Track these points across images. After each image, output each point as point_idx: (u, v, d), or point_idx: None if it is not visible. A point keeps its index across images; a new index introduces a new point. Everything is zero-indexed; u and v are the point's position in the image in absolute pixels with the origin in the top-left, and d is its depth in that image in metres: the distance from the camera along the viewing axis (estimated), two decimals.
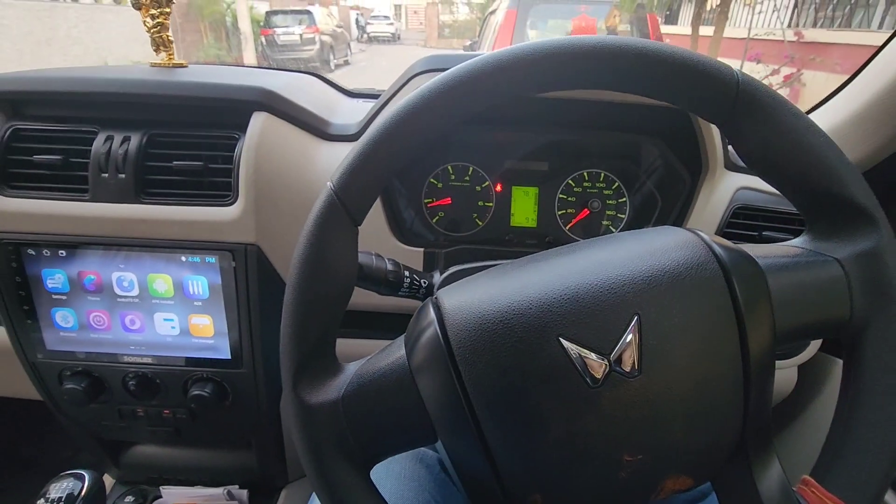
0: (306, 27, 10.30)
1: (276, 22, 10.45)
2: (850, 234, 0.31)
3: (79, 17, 7.62)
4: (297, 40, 10.29)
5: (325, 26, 10.84)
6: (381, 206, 0.63)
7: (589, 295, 0.28)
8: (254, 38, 9.95)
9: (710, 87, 0.31)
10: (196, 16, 9.43)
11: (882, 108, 0.53)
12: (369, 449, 0.32)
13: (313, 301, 0.32)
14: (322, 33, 10.54)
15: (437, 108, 0.31)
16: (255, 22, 10.51)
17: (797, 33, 4.38)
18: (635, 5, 3.99)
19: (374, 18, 20.58)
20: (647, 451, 0.29)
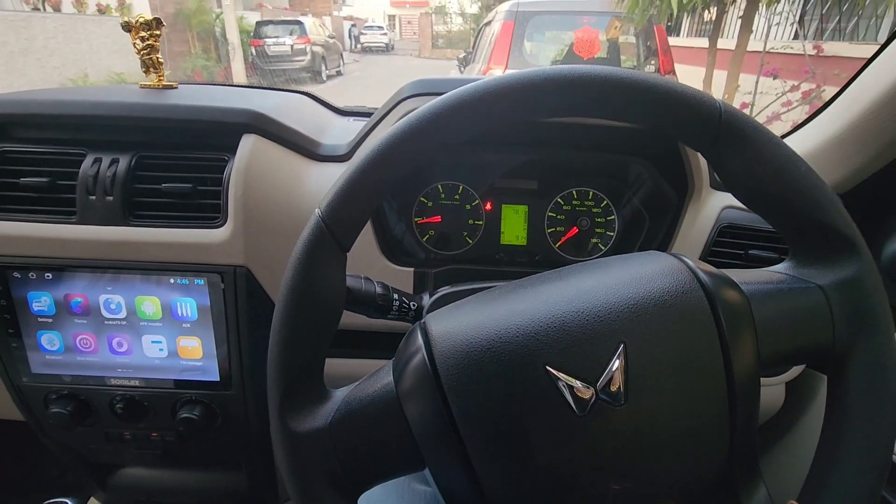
0: (297, 38, 10.32)
1: (266, 32, 10.45)
2: (831, 262, 0.32)
3: (57, 28, 7.34)
4: (288, 51, 10.30)
5: (316, 36, 10.86)
6: (371, 226, 0.63)
7: (575, 323, 0.29)
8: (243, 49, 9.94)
9: (694, 118, 0.32)
10: (183, 26, 9.38)
11: (861, 131, 0.55)
12: (357, 476, 0.32)
13: (301, 328, 0.32)
14: (313, 44, 10.56)
15: (424, 135, 0.32)
16: (245, 32, 10.51)
17: (816, 47, 4.19)
18: (646, 18, 3.86)
19: (367, 29, 20.68)
20: (634, 478, 0.29)
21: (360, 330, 0.66)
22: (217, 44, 10.64)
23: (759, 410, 0.31)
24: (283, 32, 10.42)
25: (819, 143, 0.59)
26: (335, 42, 12.38)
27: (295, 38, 10.31)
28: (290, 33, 10.38)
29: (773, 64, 4.12)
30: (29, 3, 7.92)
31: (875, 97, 0.52)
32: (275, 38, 10.36)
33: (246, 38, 10.44)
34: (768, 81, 4.03)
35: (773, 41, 4.67)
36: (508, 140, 0.68)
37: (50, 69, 7.01)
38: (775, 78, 3.91)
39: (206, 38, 10.51)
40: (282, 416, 0.31)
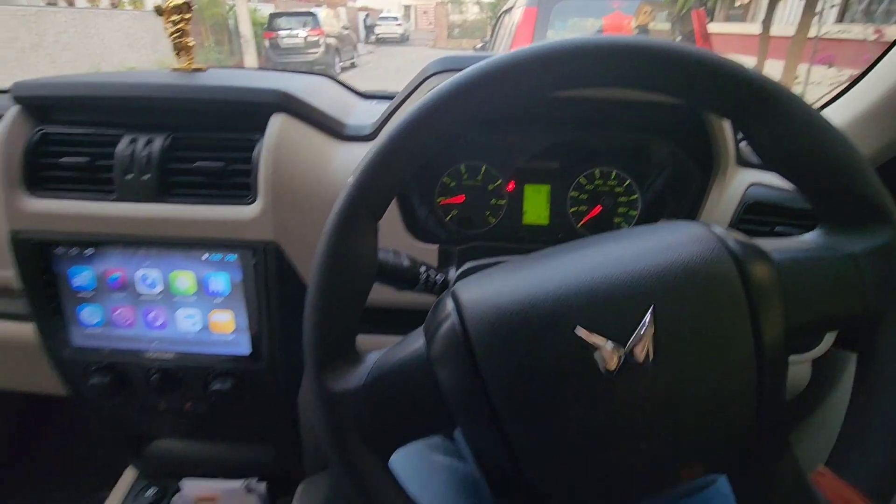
0: (310, 30, 10.31)
1: (279, 24, 10.46)
2: (863, 229, 0.32)
3: (69, 22, 7.33)
4: (301, 43, 10.30)
5: (330, 28, 10.85)
6: (397, 206, 0.64)
7: (604, 288, 0.29)
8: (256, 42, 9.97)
9: (726, 86, 0.32)
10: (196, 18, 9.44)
11: (893, 103, 0.54)
12: (389, 435, 0.33)
13: (336, 292, 0.33)
14: (327, 35, 10.55)
15: (456, 106, 0.32)
16: (258, 25, 10.54)
17: (877, 31, 3.79)
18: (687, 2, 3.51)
19: (382, 19, 20.55)
20: (662, 439, 0.29)
21: (386, 307, 0.67)
22: (230, 36, 10.71)
23: (787, 379, 0.31)
24: (296, 24, 10.42)
25: (853, 115, 0.58)
26: (349, 33, 12.37)
27: (308, 29, 10.30)
28: (303, 25, 10.37)
29: (828, 50, 3.83)
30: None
31: None
32: (288, 31, 10.37)
33: (259, 31, 10.47)
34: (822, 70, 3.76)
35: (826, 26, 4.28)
36: (531, 120, 0.69)
37: (62, 64, 7.03)
38: (830, 66, 3.63)
39: (220, 31, 10.58)
40: (318, 375, 0.33)
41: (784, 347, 0.30)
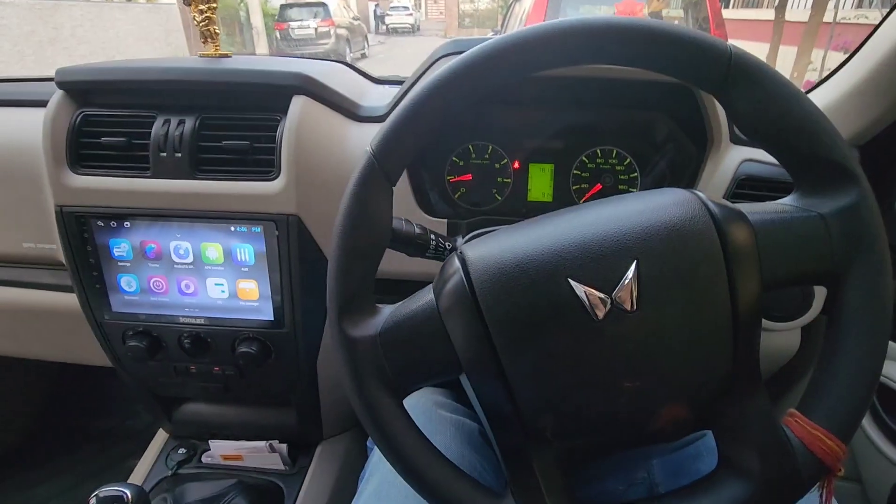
0: (321, 20, 10.31)
1: (290, 16, 10.47)
2: (832, 191, 0.35)
3: (84, 16, 7.33)
4: (312, 34, 10.31)
5: (340, 19, 10.84)
6: (409, 182, 0.69)
7: (595, 243, 0.33)
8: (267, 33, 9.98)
9: (706, 60, 0.35)
10: None
11: (878, 82, 0.57)
12: (403, 378, 0.37)
13: (355, 248, 0.37)
14: (338, 26, 10.54)
15: (466, 80, 0.36)
16: (269, 16, 10.55)
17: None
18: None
19: (392, 9, 20.37)
20: (645, 379, 0.33)
21: (396, 278, 0.72)
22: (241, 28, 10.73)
23: (760, 328, 0.34)
24: (307, 15, 10.43)
25: (838, 95, 0.61)
26: (360, 24, 12.33)
27: (319, 20, 10.31)
28: (314, 16, 10.38)
29: (845, 36, 3.74)
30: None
31: (889, 49, 0.54)
32: (299, 21, 10.37)
33: (270, 22, 10.50)
34: (838, 56, 3.66)
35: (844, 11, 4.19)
36: (536, 99, 0.72)
37: (78, 58, 6.97)
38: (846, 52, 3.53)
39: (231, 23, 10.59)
40: (339, 322, 0.37)
41: (758, 301, 0.33)
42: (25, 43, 6.56)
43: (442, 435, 0.55)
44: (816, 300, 0.64)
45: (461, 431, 0.57)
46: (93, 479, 1.20)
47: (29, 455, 1.25)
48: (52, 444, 1.28)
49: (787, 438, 0.34)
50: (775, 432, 0.34)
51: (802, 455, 0.33)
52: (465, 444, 0.56)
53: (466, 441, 0.56)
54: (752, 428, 0.34)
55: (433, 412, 0.59)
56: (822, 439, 0.33)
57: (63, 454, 1.25)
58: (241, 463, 0.84)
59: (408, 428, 0.37)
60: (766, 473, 0.33)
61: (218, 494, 0.75)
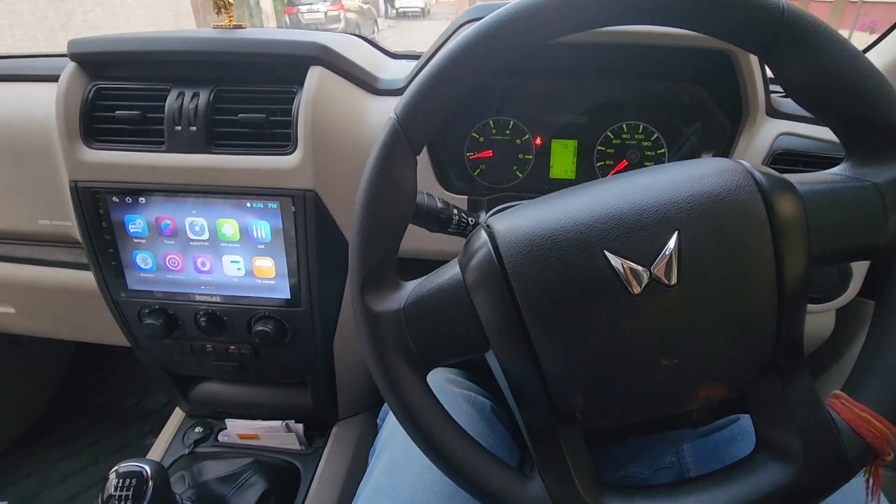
0: (331, 4, 10.24)
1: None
2: (888, 160, 0.32)
3: (95, 1, 7.38)
4: (322, 18, 10.24)
5: (350, 2, 10.74)
6: (429, 158, 0.67)
7: (632, 213, 0.31)
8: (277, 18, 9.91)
9: (755, 16, 0.32)
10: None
11: None
12: (427, 355, 0.35)
13: (380, 219, 0.35)
14: (347, 10, 10.46)
15: (495, 43, 0.33)
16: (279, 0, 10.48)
17: None
18: None
19: None
20: (683, 356, 0.31)
21: (417, 257, 0.70)
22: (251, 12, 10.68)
23: (806, 305, 0.32)
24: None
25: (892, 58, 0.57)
26: (369, 8, 12.20)
27: (329, 4, 10.23)
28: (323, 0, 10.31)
29: (872, 14, 3.59)
30: None
31: None
32: (309, 5, 10.31)
33: (280, 7, 10.43)
34: (864, 36, 3.52)
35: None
36: (559, 70, 0.70)
37: None
38: (872, 32, 3.38)
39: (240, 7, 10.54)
40: (363, 296, 0.36)
41: (805, 276, 0.31)
42: (38, 28, 6.59)
43: (457, 411, 0.55)
44: (854, 281, 0.62)
45: (474, 407, 0.56)
46: (111, 456, 1.22)
47: (48, 433, 1.27)
48: (71, 423, 1.30)
49: (832, 420, 0.32)
50: (820, 414, 0.32)
51: (849, 438, 0.32)
52: (480, 421, 0.55)
53: (480, 417, 0.55)
54: (794, 409, 0.32)
55: (446, 388, 0.58)
56: (870, 421, 0.31)
57: (81, 432, 1.27)
58: (258, 442, 0.84)
59: (432, 405, 0.36)
60: (810, 457, 0.32)
61: (235, 473, 0.75)
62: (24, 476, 1.16)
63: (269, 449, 0.84)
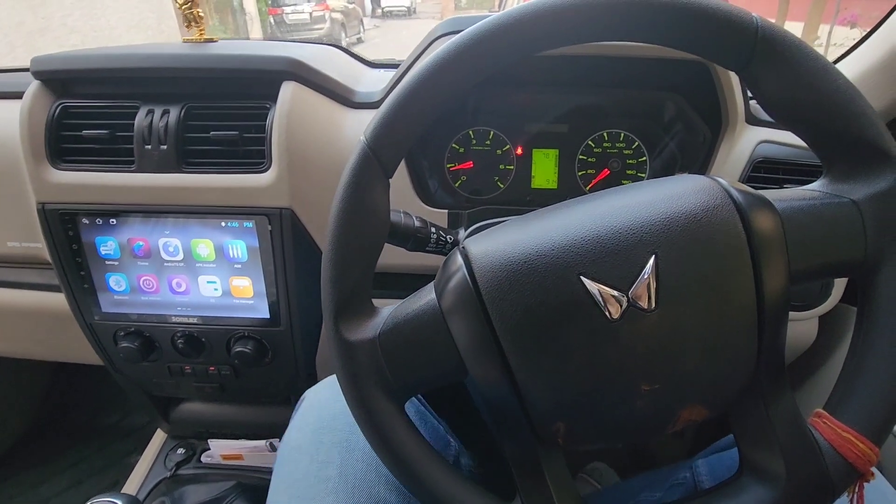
0: (316, 4, 10.14)
1: (284, 0, 10.31)
2: (866, 175, 0.32)
3: (74, 5, 7.26)
4: (307, 19, 10.14)
5: (335, 2, 10.65)
6: (407, 171, 0.65)
7: (609, 236, 0.30)
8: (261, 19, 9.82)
9: (730, 35, 0.31)
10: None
11: None
12: (404, 383, 0.34)
13: (351, 245, 0.34)
14: (333, 10, 10.38)
15: (463, 62, 0.33)
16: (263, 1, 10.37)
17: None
18: None
19: None
20: (664, 381, 0.30)
21: (397, 271, 0.69)
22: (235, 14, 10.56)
23: (787, 324, 0.32)
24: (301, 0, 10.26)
25: (865, 68, 0.57)
26: (355, 7, 12.12)
27: (314, 4, 10.13)
28: (308, 0, 10.21)
29: (852, 9, 3.57)
30: None
31: None
32: (293, 6, 10.19)
33: (264, 8, 10.32)
34: (844, 31, 3.52)
35: None
36: (539, 80, 0.69)
37: (69, 48, 6.93)
38: (853, 27, 3.38)
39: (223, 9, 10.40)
40: (336, 325, 0.34)
41: (785, 294, 0.30)
42: (15, 34, 6.45)
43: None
44: (836, 288, 0.62)
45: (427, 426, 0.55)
46: (95, 477, 1.19)
47: (29, 454, 1.23)
48: (53, 443, 1.27)
49: (814, 441, 0.31)
50: (802, 434, 0.32)
51: (832, 459, 0.31)
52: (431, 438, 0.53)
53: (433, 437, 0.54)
54: (776, 430, 0.32)
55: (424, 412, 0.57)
56: (852, 441, 0.31)
57: (64, 452, 1.24)
58: (242, 462, 0.82)
59: (411, 436, 0.35)
60: (793, 478, 0.31)
61: (217, 497, 0.74)
62: (6, 499, 1.13)
63: (253, 469, 0.82)
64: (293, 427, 0.50)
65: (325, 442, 0.46)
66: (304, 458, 0.45)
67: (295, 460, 0.46)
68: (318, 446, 0.45)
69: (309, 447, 0.46)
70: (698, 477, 0.50)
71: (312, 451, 0.45)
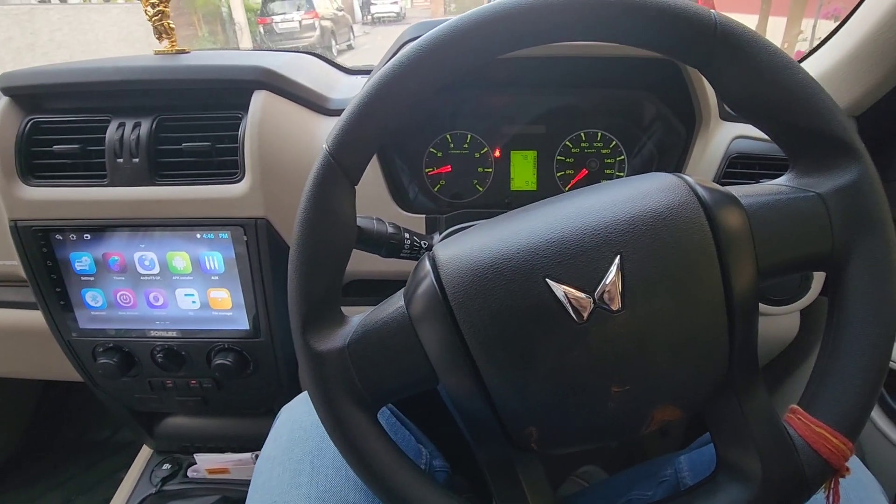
0: (305, 12, 10.14)
1: (273, 9, 10.28)
2: (831, 169, 0.32)
3: (62, 20, 7.14)
4: (297, 27, 10.14)
5: (324, 10, 10.66)
6: (382, 177, 0.65)
7: (573, 238, 0.30)
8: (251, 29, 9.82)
9: (689, 31, 0.31)
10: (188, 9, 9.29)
11: (873, 47, 0.53)
12: (375, 392, 0.34)
13: (316, 256, 0.34)
14: (322, 18, 10.38)
15: (424, 66, 0.32)
16: (252, 11, 10.37)
17: None
18: None
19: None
20: (634, 382, 0.30)
21: (375, 278, 0.69)
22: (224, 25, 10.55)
23: (758, 320, 0.32)
24: (290, 8, 10.24)
25: (832, 63, 0.57)
26: (344, 14, 12.14)
27: (303, 13, 10.13)
28: (297, 8, 10.20)
29: (835, 3, 3.63)
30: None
31: (887, 10, 0.51)
32: (282, 15, 10.20)
33: (253, 17, 10.33)
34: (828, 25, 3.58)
35: None
36: (515, 82, 0.69)
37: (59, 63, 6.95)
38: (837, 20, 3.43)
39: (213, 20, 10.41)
40: (304, 336, 0.34)
41: (754, 290, 0.30)
42: (4, 50, 6.43)
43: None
44: (815, 281, 0.61)
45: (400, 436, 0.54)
46: (84, 494, 1.17)
47: (20, 472, 1.22)
48: (42, 461, 1.25)
49: (789, 437, 0.31)
50: (776, 431, 0.31)
51: (806, 455, 0.31)
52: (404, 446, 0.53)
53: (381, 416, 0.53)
54: (751, 427, 0.31)
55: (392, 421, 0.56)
56: (826, 437, 0.31)
57: (52, 471, 1.23)
58: (228, 476, 0.81)
59: (385, 446, 0.34)
60: (768, 476, 0.31)
61: None
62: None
63: (239, 482, 0.81)
64: (268, 441, 0.50)
65: (297, 452, 0.46)
66: (276, 468, 0.46)
67: (268, 471, 0.46)
68: (290, 456, 0.46)
69: (282, 458, 0.46)
70: (680, 473, 0.50)
71: (285, 460, 0.46)
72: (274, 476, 0.45)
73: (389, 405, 0.55)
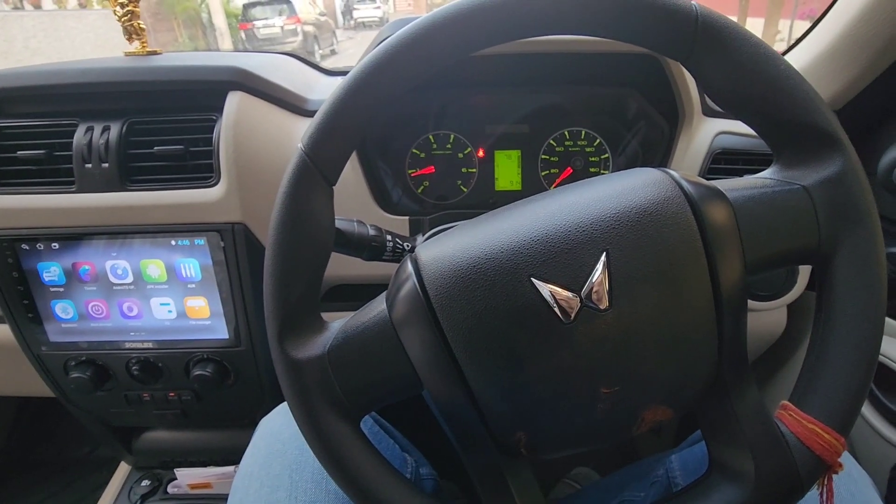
0: (287, 18, 10.09)
1: (254, 14, 10.21)
2: (815, 161, 0.32)
3: (37, 26, 7.01)
4: (279, 32, 10.08)
5: (307, 15, 10.62)
6: (365, 179, 0.64)
7: (558, 236, 0.29)
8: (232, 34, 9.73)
9: (670, 23, 0.31)
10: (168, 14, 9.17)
11: (852, 40, 0.53)
12: (357, 401, 0.33)
13: (293, 261, 0.32)
14: (304, 23, 10.34)
15: (399, 63, 0.31)
16: (232, 16, 10.28)
17: None
18: None
19: (360, 3, 20.03)
20: (623, 383, 0.29)
21: (358, 282, 0.67)
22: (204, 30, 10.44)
23: (746, 315, 0.31)
24: (271, 13, 10.18)
25: (812, 57, 0.58)
26: (327, 19, 12.11)
27: (285, 18, 10.08)
28: (279, 13, 10.14)
29: (810, 4, 3.72)
30: (9, 2, 7.72)
31: (863, 5, 0.51)
32: (264, 20, 10.13)
33: (234, 22, 10.24)
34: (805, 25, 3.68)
35: None
36: (497, 81, 0.68)
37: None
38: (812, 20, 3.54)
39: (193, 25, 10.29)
40: (281, 344, 0.33)
41: (742, 285, 0.30)
42: None
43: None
44: (802, 276, 0.61)
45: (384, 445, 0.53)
46: None
47: None
48: (19, 479, 1.20)
49: (780, 434, 0.31)
50: (768, 428, 0.31)
51: (799, 452, 0.30)
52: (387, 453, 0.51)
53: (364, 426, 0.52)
54: (742, 425, 0.31)
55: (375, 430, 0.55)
56: (818, 433, 0.30)
57: (29, 490, 1.18)
58: (210, 491, 0.79)
59: (369, 456, 0.33)
60: (761, 474, 0.30)
61: None
62: None
63: (222, 497, 0.78)
64: (246, 456, 0.48)
65: (276, 466, 0.45)
66: (254, 483, 0.44)
67: (244, 487, 0.45)
68: (268, 471, 0.44)
69: (259, 473, 0.45)
70: (671, 473, 0.50)
71: (262, 475, 0.44)
72: (251, 493, 0.43)
73: (372, 413, 0.54)
